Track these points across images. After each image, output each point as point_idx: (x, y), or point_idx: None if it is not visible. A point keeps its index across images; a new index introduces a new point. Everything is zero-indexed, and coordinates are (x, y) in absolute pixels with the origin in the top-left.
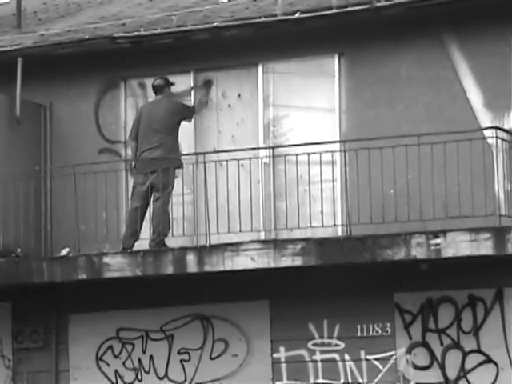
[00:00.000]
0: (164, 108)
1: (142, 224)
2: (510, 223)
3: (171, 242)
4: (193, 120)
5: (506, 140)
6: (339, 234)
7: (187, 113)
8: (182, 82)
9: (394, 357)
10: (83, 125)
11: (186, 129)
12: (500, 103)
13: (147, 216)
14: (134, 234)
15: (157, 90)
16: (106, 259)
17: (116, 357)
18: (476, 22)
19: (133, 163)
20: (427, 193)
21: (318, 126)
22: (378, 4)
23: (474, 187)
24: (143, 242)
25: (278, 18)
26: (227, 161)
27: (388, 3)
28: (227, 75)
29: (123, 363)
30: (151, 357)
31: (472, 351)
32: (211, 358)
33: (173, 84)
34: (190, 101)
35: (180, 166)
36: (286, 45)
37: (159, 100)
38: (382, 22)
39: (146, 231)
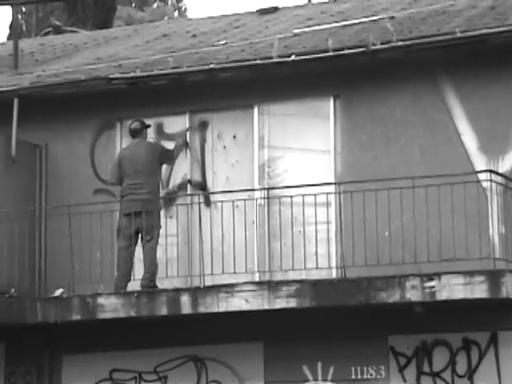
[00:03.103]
0: (146, 150)
1: (132, 265)
2: (504, 266)
3: (165, 282)
4: (189, 161)
5: (500, 183)
6: (334, 276)
7: (168, 157)
8: (178, 124)
9: None
10: (79, 165)
11: (182, 169)
12: (494, 146)
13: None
14: (126, 276)
15: (135, 133)
16: (100, 300)
17: None
18: (470, 66)
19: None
20: (422, 235)
21: (313, 167)
22: (374, 47)
23: (469, 230)
24: (137, 283)
25: (274, 60)
26: (222, 202)
27: (383, 46)
28: (223, 117)
29: None
30: None
31: None
32: None
33: (149, 126)
34: (184, 142)
35: (159, 209)
36: (282, 87)
37: (139, 142)
38: (377, 64)
39: (137, 271)
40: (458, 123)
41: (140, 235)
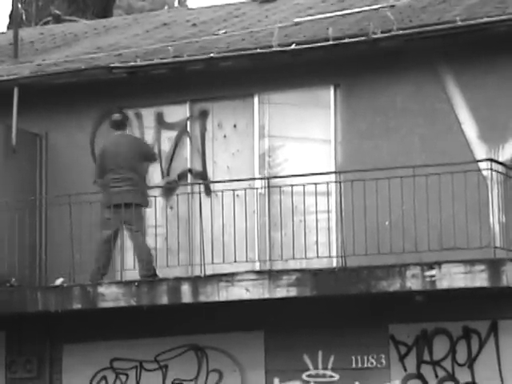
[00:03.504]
0: (128, 145)
1: (111, 258)
2: (504, 255)
3: (166, 272)
4: (188, 150)
5: (500, 172)
6: (334, 265)
7: (149, 157)
8: (178, 113)
9: None
10: (79, 154)
11: (183, 158)
12: (495, 135)
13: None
14: (104, 268)
15: (117, 125)
16: (101, 289)
17: None
18: (471, 55)
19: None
20: (422, 224)
21: (314, 156)
22: (374, 36)
23: (469, 219)
24: (138, 272)
25: (274, 49)
26: (222, 191)
27: (384, 35)
28: (223, 106)
29: None
30: None
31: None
32: None
33: (128, 118)
34: (186, 132)
35: (145, 204)
36: (282, 76)
37: (121, 136)
38: (377, 53)
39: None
40: (458, 112)
41: (126, 227)
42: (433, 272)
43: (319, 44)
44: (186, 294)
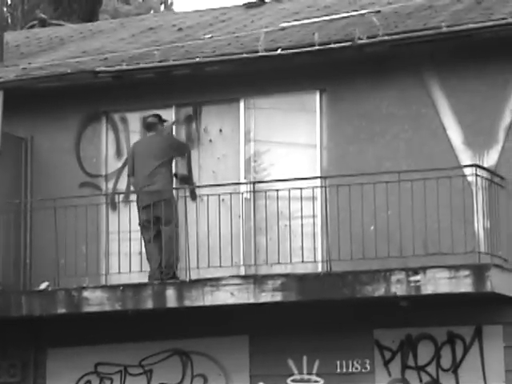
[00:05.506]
0: (159, 143)
1: (160, 254)
2: (489, 261)
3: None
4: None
5: (485, 178)
6: (319, 269)
7: (181, 149)
8: (164, 117)
9: None
10: (64, 158)
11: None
12: (480, 141)
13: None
14: (158, 266)
15: (150, 127)
16: (86, 293)
17: None
18: (456, 60)
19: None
20: (407, 229)
21: (299, 161)
22: (360, 41)
23: (454, 224)
24: (123, 276)
25: (260, 54)
26: (208, 195)
27: (370, 41)
28: (209, 110)
29: None
30: None
31: None
32: None
33: (165, 121)
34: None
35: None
36: (268, 80)
37: (153, 136)
38: (363, 59)
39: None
40: (443, 117)
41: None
42: (417, 277)
43: (305, 49)
44: (171, 299)
